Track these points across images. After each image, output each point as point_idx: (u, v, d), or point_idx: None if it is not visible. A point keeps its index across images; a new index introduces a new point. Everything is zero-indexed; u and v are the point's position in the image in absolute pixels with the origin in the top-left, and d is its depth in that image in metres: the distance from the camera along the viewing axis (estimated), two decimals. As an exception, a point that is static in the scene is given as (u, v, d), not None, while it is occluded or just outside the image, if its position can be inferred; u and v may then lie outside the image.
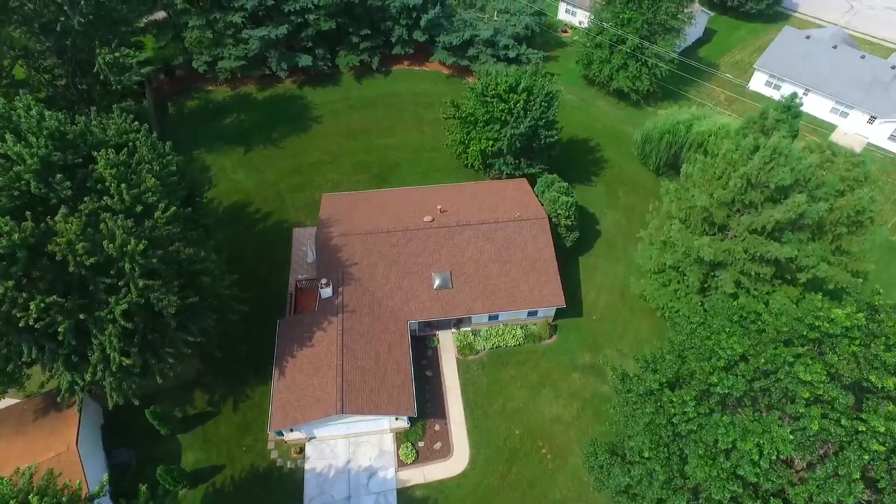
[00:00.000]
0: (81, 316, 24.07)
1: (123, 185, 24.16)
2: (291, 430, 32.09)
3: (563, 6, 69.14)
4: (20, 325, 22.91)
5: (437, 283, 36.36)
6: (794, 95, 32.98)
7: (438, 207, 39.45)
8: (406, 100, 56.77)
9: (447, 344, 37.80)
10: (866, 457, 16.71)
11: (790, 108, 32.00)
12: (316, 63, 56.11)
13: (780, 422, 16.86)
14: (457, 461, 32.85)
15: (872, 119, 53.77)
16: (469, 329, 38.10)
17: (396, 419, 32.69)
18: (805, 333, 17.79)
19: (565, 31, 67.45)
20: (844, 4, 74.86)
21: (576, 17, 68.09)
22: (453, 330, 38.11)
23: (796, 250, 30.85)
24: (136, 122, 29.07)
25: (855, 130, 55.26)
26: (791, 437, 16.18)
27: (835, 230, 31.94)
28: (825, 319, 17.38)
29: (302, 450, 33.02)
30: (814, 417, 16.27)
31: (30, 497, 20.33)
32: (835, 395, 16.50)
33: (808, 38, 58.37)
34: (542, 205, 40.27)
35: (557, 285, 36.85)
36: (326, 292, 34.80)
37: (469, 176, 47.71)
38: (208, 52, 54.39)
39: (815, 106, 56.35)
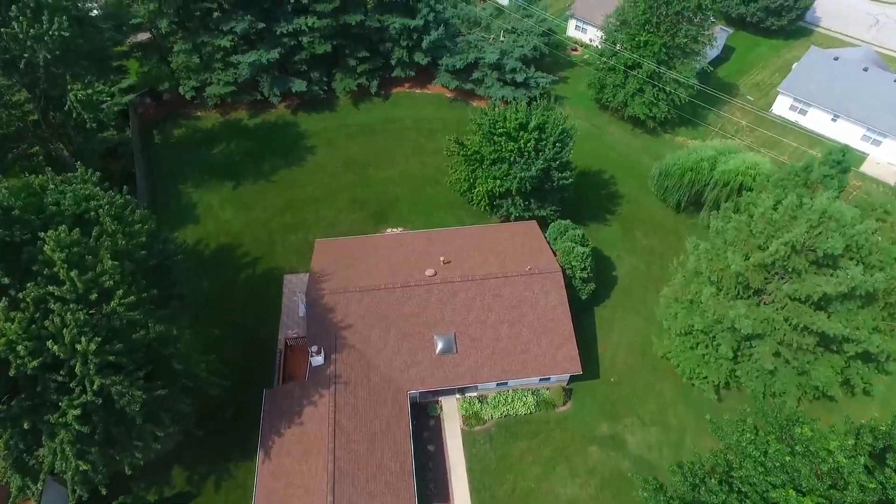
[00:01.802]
0: (26, 425, 20.76)
1: (74, 272, 20.71)
2: (277, 522, 28.71)
3: (572, 23, 65.41)
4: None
5: (439, 347, 32.91)
6: (847, 149, 29.23)
7: (441, 258, 35.94)
8: (407, 126, 53.20)
9: (451, 411, 34.33)
10: None
11: (840, 163, 28.36)
12: (311, 88, 52.50)
13: None
14: (462, 555, 29.49)
15: (908, 148, 50.14)
16: (475, 395, 34.63)
17: (395, 508, 29.27)
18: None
19: (575, 49, 63.73)
20: (869, 18, 70.97)
21: (586, 35, 64.39)
22: (458, 396, 34.65)
23: (846, 323, 27.37)
24: (98, 189, 25.49)
25: (888, 160, 51.53)
26: None
27: (888, 298, 28.43)
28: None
29: (290, 539, 29.67)
30: None
31: None
32: None
33: (836, 59, 54.61)
34: (555, 254, 36.78)
35: (573, 348, 33.35)
36: (317, 360, 31.42)
37: (473, 215, 44.17)
38: (196, 78, 50.85)
39: (845, 133, 52.53)
